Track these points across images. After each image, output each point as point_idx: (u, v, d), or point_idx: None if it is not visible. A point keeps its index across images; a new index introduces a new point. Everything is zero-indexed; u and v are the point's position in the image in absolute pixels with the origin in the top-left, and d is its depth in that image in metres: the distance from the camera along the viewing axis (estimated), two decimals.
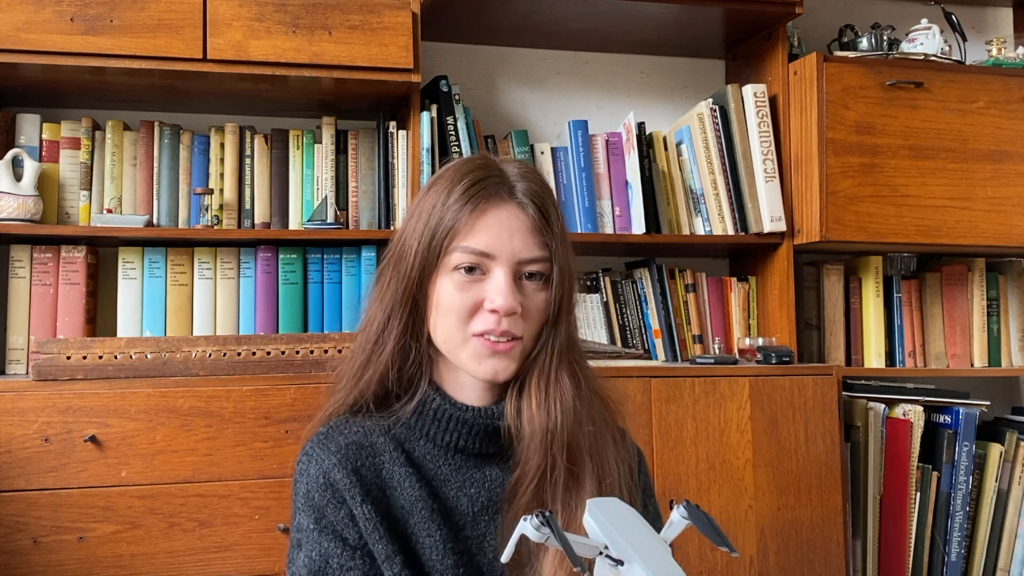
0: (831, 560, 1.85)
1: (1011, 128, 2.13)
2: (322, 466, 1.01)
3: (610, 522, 0.80)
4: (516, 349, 1.02)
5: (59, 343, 1.59)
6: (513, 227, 1.01)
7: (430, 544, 1.00)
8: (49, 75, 1.79)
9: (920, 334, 2.26)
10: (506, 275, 1.00)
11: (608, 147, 2.10)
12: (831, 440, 1.87)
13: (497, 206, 1.02)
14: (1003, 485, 2.14)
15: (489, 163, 1.05)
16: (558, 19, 2.12)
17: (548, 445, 1.00)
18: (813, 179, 2.03)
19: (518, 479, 1.01)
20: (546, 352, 1.04)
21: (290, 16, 1.81)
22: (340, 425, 1.05)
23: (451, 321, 1.01)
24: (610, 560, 0.77)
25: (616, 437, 1.09)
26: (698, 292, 2.19)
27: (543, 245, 1.02)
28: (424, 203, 1.05)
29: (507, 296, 0.99)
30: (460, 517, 1.03)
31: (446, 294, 1.01)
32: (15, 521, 1.53)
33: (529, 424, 1.01)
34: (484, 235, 1.00)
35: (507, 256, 1.00)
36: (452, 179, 1.04)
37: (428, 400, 1.05)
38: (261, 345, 1.68)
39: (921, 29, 2.16)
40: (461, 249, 1.00)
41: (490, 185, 1.02)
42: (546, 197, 1.04)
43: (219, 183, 1.97)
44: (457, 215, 1.01)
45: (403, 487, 1.01)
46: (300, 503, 1.02)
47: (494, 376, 1.01)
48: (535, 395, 1.03)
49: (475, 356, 1.01)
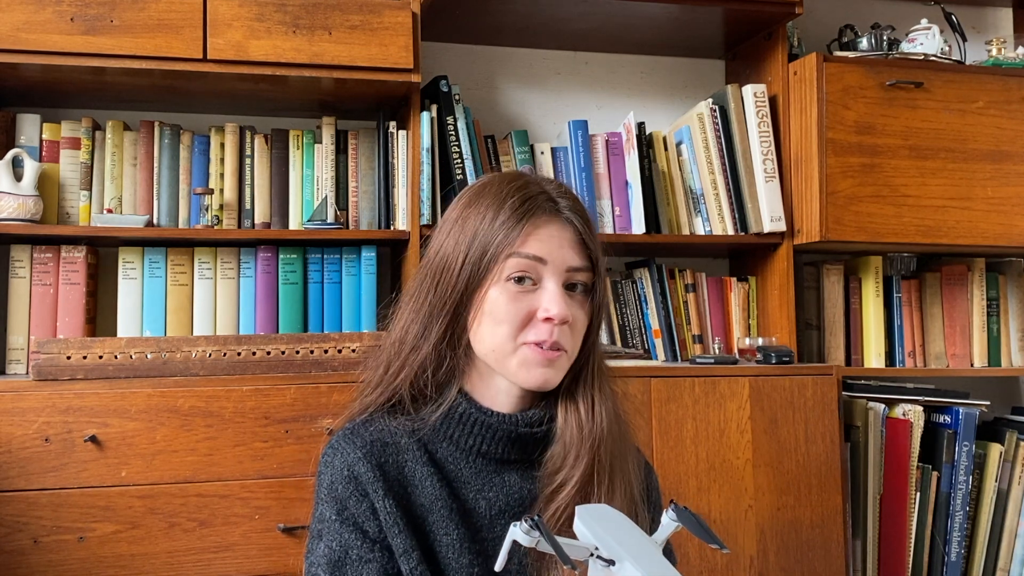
0: (831, 560, 1.85)
1: (1011, 128, 2.12)
2: (347, 459, 1.04)
3: (600, 525, 0.82)
4: (563, 360, 1.06)
5: (59, 343, 1.59)
6: (563, 238, 1.06)
7: (447, 543, 1.03)
8: (49, 75, 1.79)
9: (920, 334, 2.26)
10: (558, 284, 1.04)
11: (608, 147, 2.10)
12: (831, 440, 1.87)
13: (547, 221, 1.06)
14: (1003, 485, 2.14)
15: (530, 180, 1.10)
16: (558, 19, 2.12)
17: (596, 450, 1.05)
18: (813, 179, 2.03)
19: (562, 483, 1.04)
20: (591, 361, 1.10)
21: (290, 16, 1.81)
22: (367, 422, 1.09)
23: (504, 330, 1.04)
24: (602, 560, 0.78)
25: (633, 452, 1.13)
26: (698, 292, 2.19)
27: (587, 256, 1.08)
28: (469, 218, 1.08)
29: (561, 305, 1.03)
30: (478, 519, 1.05)
31: (499, 304, 1.04)
32: (15, 521, 1.53)
33: (579, 430, 1.06)
34: (538, 244, 1.05)
35: (559, 264, 1.05)
36: (498, 195, 1.07)
37: (455, 405, 1.08)
38: (261, 345, 1.68)
39: (921, 29, 2.16)
40: (516, 255, 1.04)
41: (540, 202, 1.07)
42: (586, 214, 1.10)
43: (219, 183, 1.97)
44: (511, 231, 1.04)
45: (424, 485, 1.04)
46: (323, 494, 1.05)
47: (543, 384, 1.05)
48: (583, 402, 1.07)
49: (525, 364, 1.04)
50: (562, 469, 1.05)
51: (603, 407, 1.07)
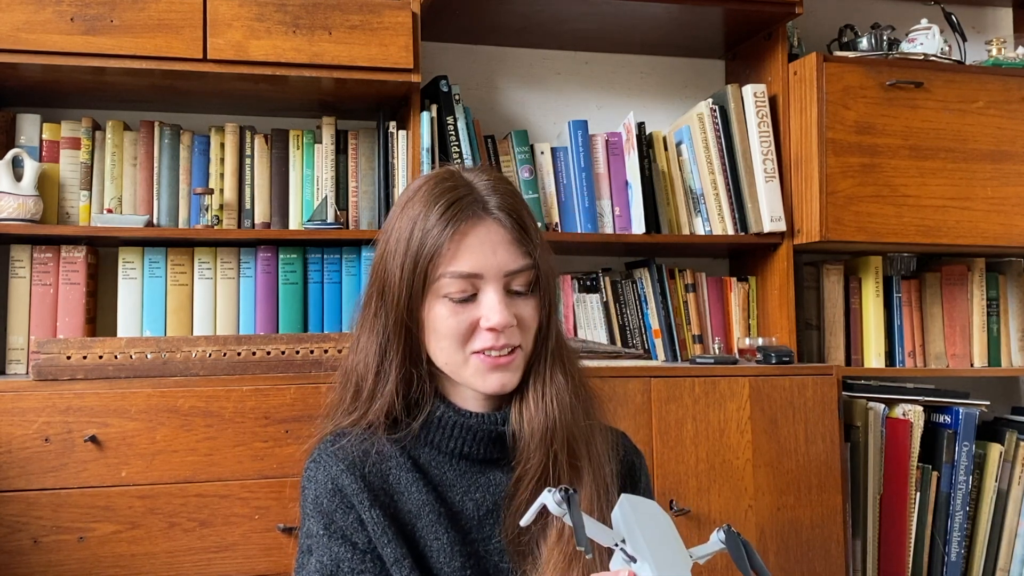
0: (831, 560, 1.85)
1: (1011, 128, 2.12)
2: (330, 472, 1.03)
3: (637, 521, 0.80)
4: (518, 359, 1.04)
5: (59, 343, 1.59)
6: (495, 241, 1.02)
7: (438, 547, 1.02)
8: (49, 75, 1.79)
9: (920, 334, 2.26)
10: (497, 291, 1.02)
11: (608, 147, 2.10)
12: (831, 440, 1.87)
13: (475, 225, 1.02)
14: (1003, 485, 2.14)
15: (457, 179, 1.06)
16: (558, 19, 2.12)
17: (548, 443, 1.03)
18: (813, 179, 2.03)
19: (519, 477, 1.04)
20: (540, 355, 1.07)
21: (290, 16, 1.81)
22: (347, 432, 1.07)
23: (449, 344, 1.03)
24: (624, 555, 0.78)
25: (603, 430, 1.11)
26: (698, 292, 2.19)
27: (526, 254, 1.04)
28: (400, 226, 1.05)
29: (502, 312, 1.01)
30: (466, 521, 1.05)
31: (440, 319, 1.02)
32: (15, 521, 1.53)
33: (529, 424, 1.04)
34: (469, 256, 1.01)
35: (494, 272, 1.02)
36: (425, 201, 1.04)
37: (434, 410, 1.07)
38: (261, 345, 1.68)
39: (921, 29, 2.16)
40: (449, 275, 1.01)
41: (465, 205, 1.03)
42: (519, 206, 1.06)
43: (219, 183, 1.97)
44: (438, 239, 1.01)
45: (410, 492, 1.04)
46: (309, 509, 1.04)
47: (500, 389, 1.04)
48: (532, 396, 1.05)
49: (478, 373, 1.03)
50: (519, 463, 1.04)
51: (556, 398, 1.05)
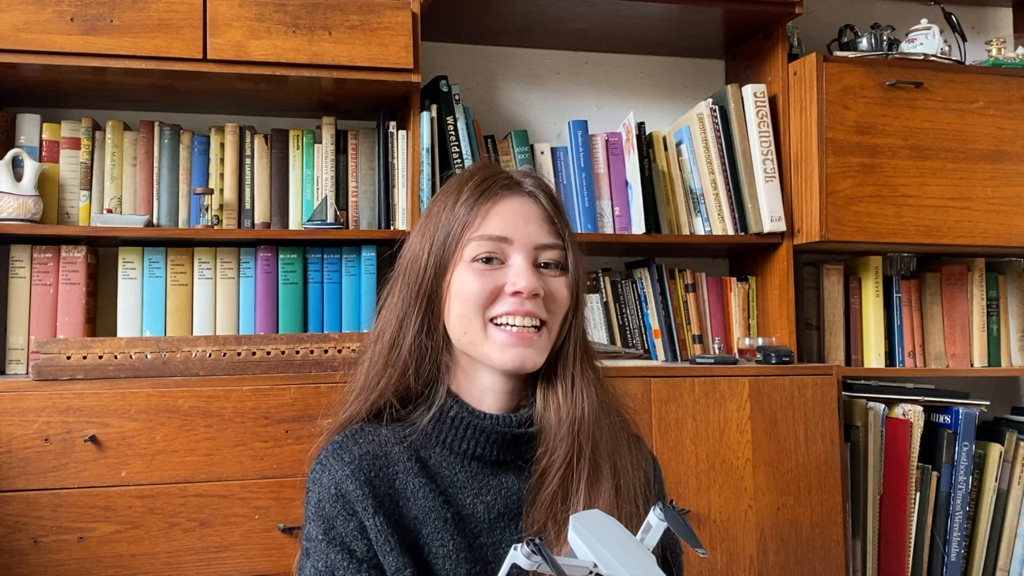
0: (831, 560, 1.85)
1: (1011, 128, 2.12)
2: (334, 476, 1.00)
3: (595, 537, 0.80)
4: (543, 339, 1.02)
5: (59, 343, 1.59)
6: (528, 214, 1.03)
7: (443, 554, 0.99)
8: (49, 75, 1.80)
9: (920, 334, 2.26)
10: (526, 259, 1.01)
11: (608, 147, 2.10)
12: (831, 440, 1.87)
13: (508, 197, 1.03)
14: (1003, 485, 2.14)
15: (492, 164, 1.09)
16: (558, 19, 2.12)
17: (576, 433, 1.01)
18: (813, 179, 2.03)
19: (545, 469, 1.01)
20: (570, 342, 1.05)
21: (290, 16, 1.81)
22: (355, 434, 1.05)
23: (470, 309, 1.01)
24: None
25: (631, 441, 1.09)
26: (698, 292, 2.19)
27: (557, 234, 1.04)
28: (430, 215, 1.06)
29: (529, 277, 0.99)
30: (476, 524, 1.02)
31: (464, 283, 1.01)
32: (15, 521, 1.53)
33: (556, 413, 1.02)
34: (499, 222, 1.01)
35: (524, 241, 1.01)
36: (457, 185, 1.05)
37: (446, 408, 1.04)
38: (261, 345, 1.68)
39: (921, 29, 2.16)
40: (478, 238, 1.01)
41: (499, 180, 1.04)
42: (552, 192, 1.07)
43: (219, 183, 1.97)
44: (469, 212, 1.02)
45: (416, 497, 1.01)
46: (311, 512, 1.02)
47: (520, 365, 1.00)
48: (562, 384, 1.03)
49: (496, 345, 1.00)
50: (544, 455, 1.01)
51: (584, 390, 1.03)
